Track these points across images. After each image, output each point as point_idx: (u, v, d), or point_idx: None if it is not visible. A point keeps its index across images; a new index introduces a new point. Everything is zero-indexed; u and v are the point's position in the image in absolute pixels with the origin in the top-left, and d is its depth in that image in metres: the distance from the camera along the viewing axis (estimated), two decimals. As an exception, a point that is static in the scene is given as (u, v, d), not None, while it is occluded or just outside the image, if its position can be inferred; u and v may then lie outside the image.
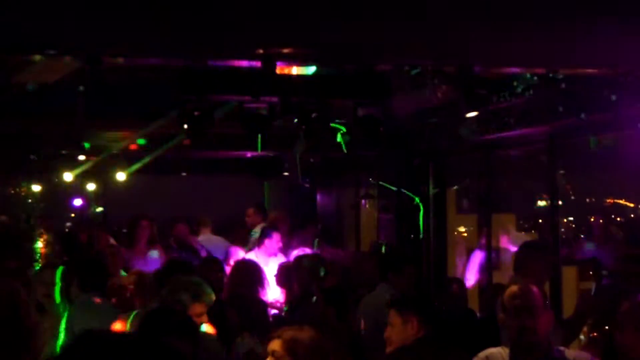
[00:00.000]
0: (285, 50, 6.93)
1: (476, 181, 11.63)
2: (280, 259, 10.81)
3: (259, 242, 11.21)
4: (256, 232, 13.06)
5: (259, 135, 9.93)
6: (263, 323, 7.96)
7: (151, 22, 5.86)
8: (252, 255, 10.71)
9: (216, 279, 8.12)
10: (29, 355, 3.85)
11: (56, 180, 15.11)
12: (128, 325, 6.28)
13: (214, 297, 6.13)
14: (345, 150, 10.05)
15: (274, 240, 11.00)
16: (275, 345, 4.87)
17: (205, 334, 6.00)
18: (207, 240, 12.58)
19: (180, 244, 12.38)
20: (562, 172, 9.98)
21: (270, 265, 10.25)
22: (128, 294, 7.81)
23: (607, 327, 7.00)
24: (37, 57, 7.06)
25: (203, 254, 11.58)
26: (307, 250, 10.90)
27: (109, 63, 7.04)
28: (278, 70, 7.23)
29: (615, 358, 5.06)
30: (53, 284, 7.41)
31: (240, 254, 11.34)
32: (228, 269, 9.43)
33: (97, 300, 7.15)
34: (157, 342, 2.30)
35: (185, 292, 5.90)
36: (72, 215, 18.21)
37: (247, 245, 12.58)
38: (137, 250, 11.12)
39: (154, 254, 11.21)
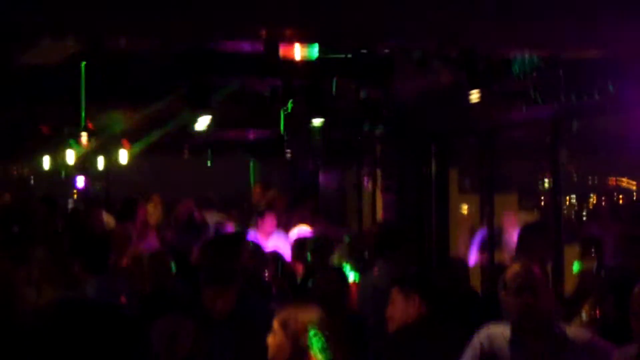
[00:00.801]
0: (288, 31, 6.94)
1: (478, 161, 11.62)
2: (277, 237, 10.86)
3: (256, 222, 11.28)
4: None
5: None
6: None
7: (153, 3, 5.86)
8: (251, 235, 10.72)
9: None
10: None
11: (59, 160, 15.17)
12: None
13: None
14: None
15: (267, 221, 11.06)
16: (274, 321, 4.97)
17: None
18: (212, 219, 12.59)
19: (189, 223, 12.40)
20: (564, 151, 9.98)
21: (267, 244, 10.29)
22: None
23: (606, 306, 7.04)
24: (40, 39, 7.08)
25: (210, 232, 11.61)
26: (307, 230, 10.93)
27: (111, 44, 7.05)
28: (281, 52, 7.24)
29: (612, 335, 5.10)
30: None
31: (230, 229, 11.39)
32: None
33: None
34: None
35: None
36: (75, 194, 18.29)
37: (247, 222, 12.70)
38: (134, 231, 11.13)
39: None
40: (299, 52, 7.68)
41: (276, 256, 8.98)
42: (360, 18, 6.32)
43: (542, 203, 13.38)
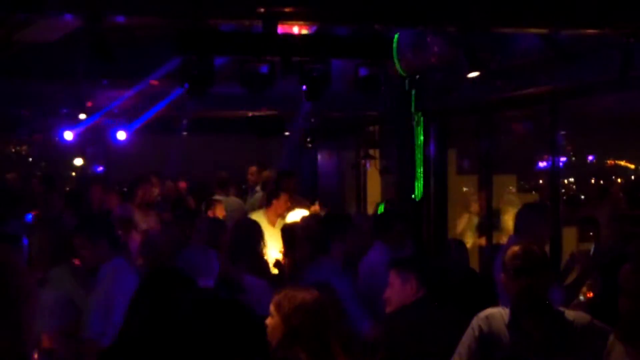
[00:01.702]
0: (287, 9, 6.90)
1: (477, 142, 11.61)
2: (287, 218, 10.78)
3: (267, 202, 11.11)
4: (258, 190, 13.07)
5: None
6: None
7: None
8: (259, 214, 10.62)
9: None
10: (16, 321, 3.81)
11: (57, 139, 15.13)
12: None
13: None
14: None
15: (282, 201, 10.91)
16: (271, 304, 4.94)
17: None
18: (225, 201, 12.43)
19: (176, 202, 12.39)
20: (563, 133, 9.96)
21: (277, 225, 10.21)
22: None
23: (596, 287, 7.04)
24: (38, 16, 7.03)
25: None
26: (303, 211, 10.85)
27: (110, 21, 7.00)
28: (279, 30, 7.20)
29: (601, 315, 5.07)
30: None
31: (218, 206, 11.33)
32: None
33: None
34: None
35: None
36: (73, 174, 18.26)
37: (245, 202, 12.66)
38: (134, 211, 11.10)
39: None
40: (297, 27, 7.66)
41: None
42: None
43: (541, 184, 13.36)
